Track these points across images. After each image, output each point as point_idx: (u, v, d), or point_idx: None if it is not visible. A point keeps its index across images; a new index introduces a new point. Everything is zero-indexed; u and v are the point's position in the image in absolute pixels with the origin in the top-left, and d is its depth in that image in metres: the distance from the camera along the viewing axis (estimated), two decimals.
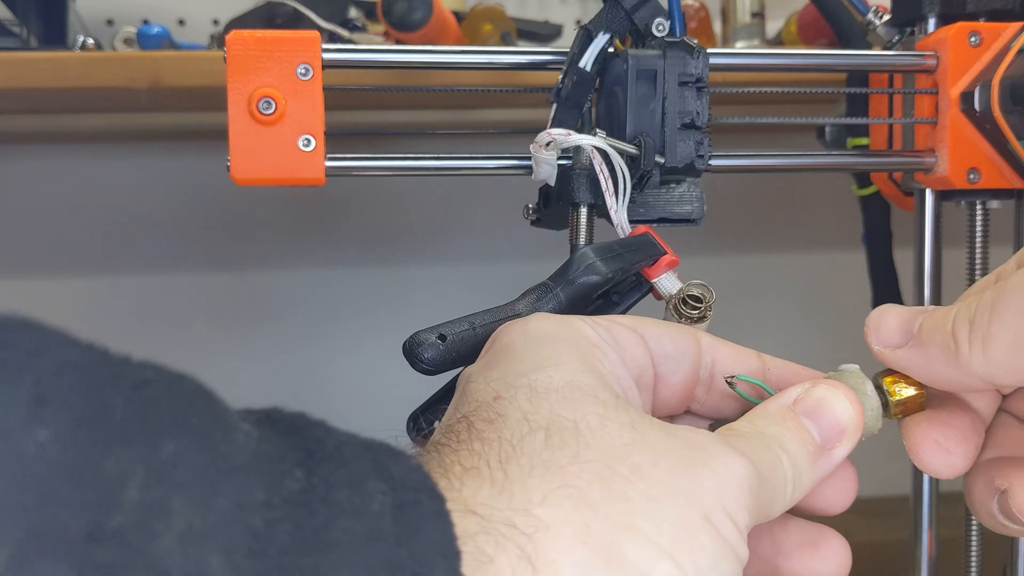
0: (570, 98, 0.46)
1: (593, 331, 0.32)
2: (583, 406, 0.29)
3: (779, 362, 0.36)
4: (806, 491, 0.32)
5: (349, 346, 1.09)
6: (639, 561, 0.26)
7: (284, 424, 0.25)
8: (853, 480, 0.35)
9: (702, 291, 0.41)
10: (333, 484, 0.23)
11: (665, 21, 0.47)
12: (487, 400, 0.29)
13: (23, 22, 0.78)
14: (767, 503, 0.30)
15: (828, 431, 0.32)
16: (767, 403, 0.33)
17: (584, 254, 0.40)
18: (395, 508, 0.23)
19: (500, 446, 0.27)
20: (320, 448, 0.24)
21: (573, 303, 0.40)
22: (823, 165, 0.60)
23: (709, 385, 0.36)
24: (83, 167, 1.06)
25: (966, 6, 0.55)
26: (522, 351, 0.31)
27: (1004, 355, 0.30)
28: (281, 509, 0.22)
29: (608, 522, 0.26)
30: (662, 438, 0.29)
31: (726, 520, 0.28)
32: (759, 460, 0.30)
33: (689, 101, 0.45)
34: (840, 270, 0.92)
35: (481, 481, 0.26)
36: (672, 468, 0.28)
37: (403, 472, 0.25)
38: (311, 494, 0.23)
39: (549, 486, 0.26)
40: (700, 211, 0.47)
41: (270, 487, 0.22)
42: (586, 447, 0.27)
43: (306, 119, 0.47)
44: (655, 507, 0.27)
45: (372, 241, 1.10)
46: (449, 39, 0.79)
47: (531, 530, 0.25)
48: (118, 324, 1.07)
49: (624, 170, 0.42)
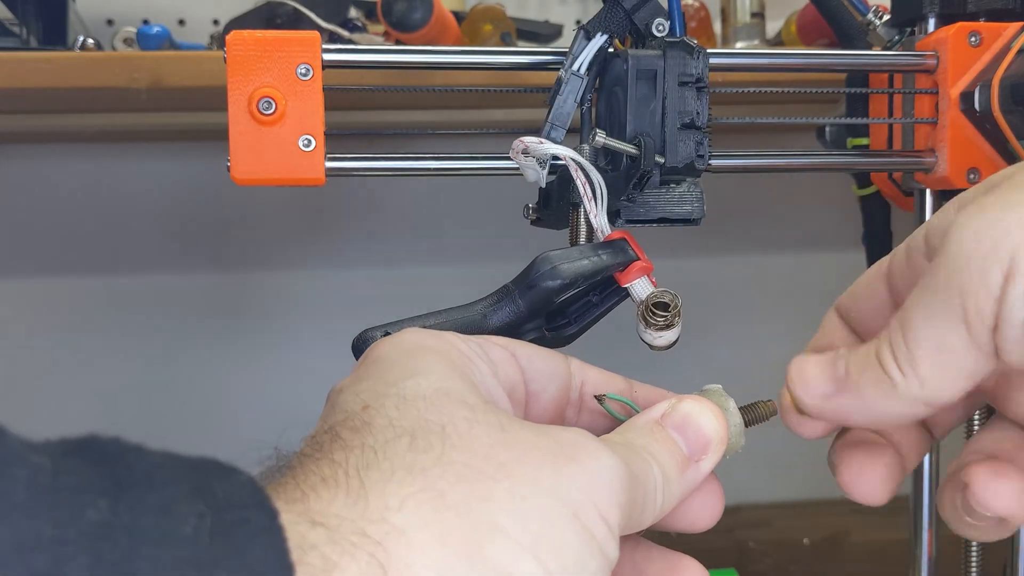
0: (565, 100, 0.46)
1: (465, 344, 0.33)
2: (451, 410, 0.29)
3: (646, 386, 0.38)
4: (675, 502, 0.33)
5: (348, 346, 1.09)
6: (501, 560, 0.26)
7: (94, 452, 0.23)
8: (719, 495, 0.35)
9: (670, 299, 0.41)
10: (139, 511, 0.22)
11: (665, 21, 0.47)
12: (355, 410, 0.29)
13: (23, 22, 0.78)
14: (639, 506, 0.30)
15: (695, 443, 0.33)
16: (635, 418, 0.34)
17: (546, 258, 0.40)
18: (216, 529, 0.23)
19: (362, 453, 0.27)
20: (129, 474, 0.23)
21: (532, 306, 0.40)
22: (823, 165, 0.60)
23: (579, 406, 0.37)
24: (83, 167, 1.06)
25: (966, 6, 0.55)
26: (393, 363, 0.31)
27: (934, 370, 0.30)
28: (76, 543, 0.21)
29: (470, 522, 0.26)
30: (531, 437, 0.29)
31: (595, 517, 0.28)
32: (631, 462, 0.30)
33: (689, 101, 0.45)
34: (840, 270, 0.92)
35: (336, 491, 0.26)
36: (540, 465, 0.28)
37: (230, 490, 0.24)
38: (114, 524, 0.22)
39: (408, 490, 0.26)
40: (700, 211, 0.47)
41: (63, 521, 0.21)
42: (452, 448, 0.27)
43: (306, 119, 0.47)
44: (520, 504, 0.27)
45: (372, 241, 1.10)
46: (449, 39, 0.79)
47: (382, 536, 0.25)
48: (118, 324, 1.07)
49: (597, 178, 0.42)
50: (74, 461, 0.23)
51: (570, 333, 0.43)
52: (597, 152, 0.46)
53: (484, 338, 0.34)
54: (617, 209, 0.46)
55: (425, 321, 0.38)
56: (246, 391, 1.09)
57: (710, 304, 1.12)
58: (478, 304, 0.40)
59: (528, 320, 0.40)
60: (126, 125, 0.96)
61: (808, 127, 0.68)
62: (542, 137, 0.44)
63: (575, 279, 0.40)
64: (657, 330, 0.40)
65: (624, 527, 0.29)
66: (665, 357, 0.47)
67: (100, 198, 1.07)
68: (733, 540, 1.07)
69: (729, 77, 0.69)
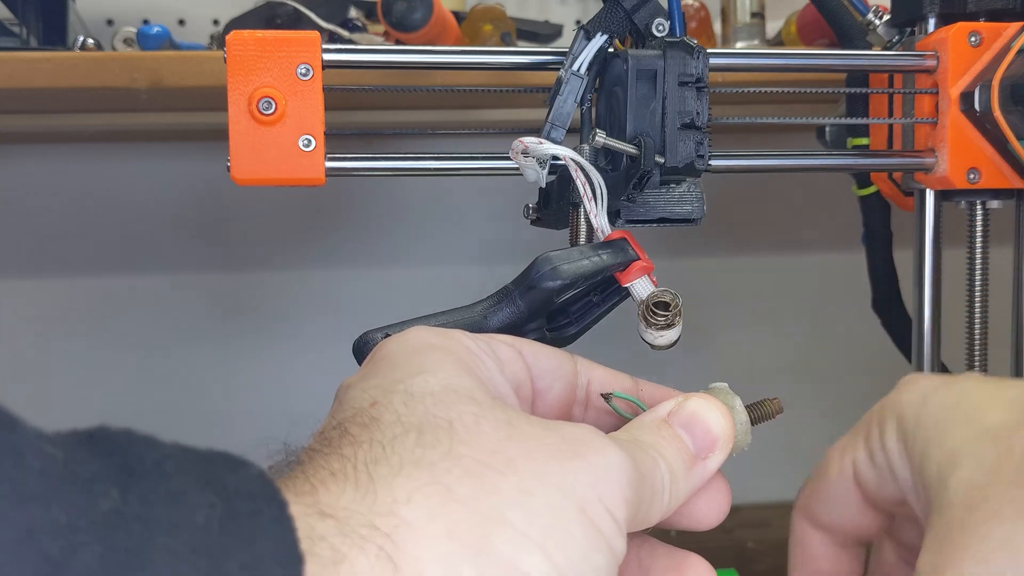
0: (565, 100, 0.46)
1: (472, 342, 0.33)
2: (459, 406, 0.29)
3: (652, 385, 0.38)
4: (682, 499, 0.33)
5: (349, 346, 1.09)
6: (508, 553, 0.26)
7: (104, 443, 0.24)
8: (726, 494, 0.35)
9: (671, 298, 0.41)
10: (151, 501, 0.23)
11: (665, 21, 0.47)
12: (364, 406, 0.29)
13: (23, 22, 0.78)
14: (646, 502, 0.30)
15: (701, 440, 0.33)
16: (642, 416, 0.34)
17: (546, 258, 0.40)
18: (226, 519, 0.23)
19: (371, 448, 0.27)
20: (140, 464, 0.23)
21: (533, 307, 0.40)
22: (823, 165, 0.60)
23: (586, 405, 0.37)
24: (83, 167, 1.06)
25: (966, 6, 0.55)
26: (400, 360, 0.31)
27: None
28: (88, 531, 0.21)
29: (477, 516, 0.26)
30: (539, 432, 0.29)
31: (603, 512, 0.28)
32: (638, 459, 0.30)
33: (689, 101, 0.45)
34: (840, 270, 0.92)
35: (345, 484, 0.26)
36: (547, 460, 0.28)
37: (240, 482, 0.24)
38: (126, 513, 0.22)
39: (416, 484, 0.26)
40: (700, 211, 0.47)
41: (76, 510, 0.21)
42: (460, 443, 0.27)
43: (306, 119, 0.47)
44: (527, 499, 0.27)
45: (372, 241, 1.10)
46: (449, 39, 0.79)
47: (391, 529, 0.25)
48: (118, 324, 1.07)
49: (597, 178, 0.42)
50: (85, 451, 0.23)
51: (571, 333, 0.43)
52: (597, 152, 0.46)
53: (491, 336, 0.34)
54: (617, 209, 0.46)
55: (426, 322, 0.38)
56: (246, 391, 1.09)
57: (710, 304, 1.12)
58: (478, 305, 0.40)
59: (529, 321, 0.40)
60: (126, 125, 0.96)
61: (808, 127, 0.68)
62: (542, 137, 0.44)
63: (575, 279, 0.40)
64: (658, 330, 0.40)
65: (631, 524, 0.29)
66: (665, 357, 0.47)
67: (100, 198, 1.07)
68: (733, 540, 1.07)
69: (729, 77, 0.69)
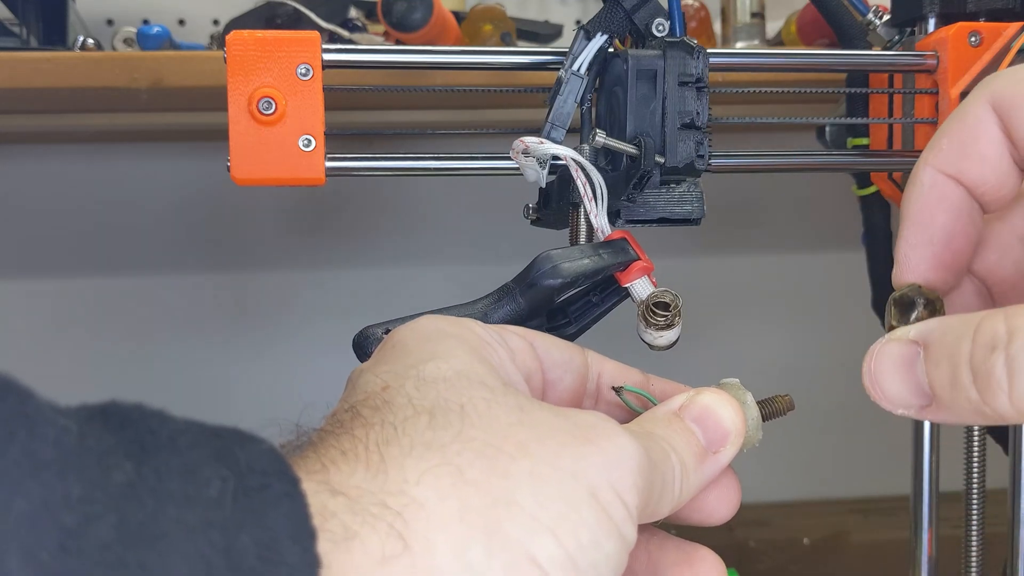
0: (565, 100, 0.46)
1: (484, 331, 0.33)
2: (471, 391, 0.29)
3: (662, 380, 0.38)
4: (693, 492, 0.33)
5: (350, 346, 1.09)
6: (519, 536, 0.26)
7: (117, 417, 0.24)
8: (736, 489, 0.35)
9: (670, 298, 0.41)
10: (164, 474, 0.23)
11: (665, 21, 0.47)
12: (376, 390, 0.30)
13: (23, 22, 0.78)
14: (656, 492, 0.30)
15: (713, 434, 0.33)
16: (654, 409, 0.34)
17: (547, 256, 0.40)
18: (238, 493, 0.23)
19: (382, 429, 0.28)
20: (153, 439, 0.24)
21: (533, 305, 0.40)
22: (823, 165, 0.60)
23: (596, 398, 0.37)
24: (83, 167, 1.06)
25: (966, 6, 0.55)
26: (413, 346, 0.31)
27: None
28: (103, 503, 0.21)
29: (488, 498, 0.26)
30: (550, 418, 0.29)
31: (614, 498, 0.28)
32: (649, 449, 0.30)
33: (689, 101, 0.45)
34: (840, 270, 0.92)
35: (356, 464, 0.26)
36: (559, 446, 0.28)
37: (251, 457, 0.24)
38: (140, 486, 0.22)
39: (427, 464, 0.26)
40: (700, 211, 0.47)
41: (91, 482, 0.22)
42: (471, 427, 0.28)
43: (306, 119, 0.47)
44: (539, 484, 0.27)
45: (372, 241, 1.10)
46: (449, 39, 0.79)
47: (401, 508, 0.25)
48: (118, 324, 1.08)
49: (597, 178, 0.42)
50: (98, 425, 0.23)
51: (570, 333, 0.43)
52: (597, 152, 0.46)
53: (502, 327, 0.35)
54: (617, 209, 0.46)
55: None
56: (246, 391, 1.09)
57: (710, 304, 1.12)
58: (479, 302, 0.40)
59: (529, 319, 0.40)
60: (126, 125, 0.96)
61: (808, 127, 0.68)
62: (542, 137, 0.44)
63: (576, 278, 0.40)
64: (657, 330, 0.41)
65: (642, 513, 0.29)
66: (665, 357, 0.47)
67: (100, 198, 1.07)
68: (733, 540, 1.07)
69: (729, 77, 0.69)
